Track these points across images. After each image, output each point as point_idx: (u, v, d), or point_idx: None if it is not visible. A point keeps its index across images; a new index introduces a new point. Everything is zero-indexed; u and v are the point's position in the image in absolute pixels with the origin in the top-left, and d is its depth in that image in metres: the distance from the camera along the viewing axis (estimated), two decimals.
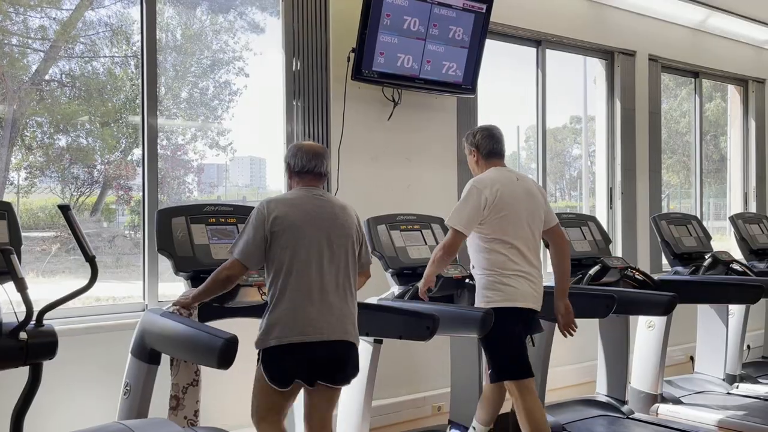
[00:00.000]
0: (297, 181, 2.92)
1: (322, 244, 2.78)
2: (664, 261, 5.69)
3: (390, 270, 3.84)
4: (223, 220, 3.34)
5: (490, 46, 4.98)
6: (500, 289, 3.28)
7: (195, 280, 3.11)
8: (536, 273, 3.37)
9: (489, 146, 3.46)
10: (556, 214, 3.63)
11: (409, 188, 4.80)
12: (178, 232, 3.18)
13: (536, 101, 5.71)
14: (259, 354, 2.76)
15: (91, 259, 2.60)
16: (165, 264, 3.46)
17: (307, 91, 4.33)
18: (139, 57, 3.97)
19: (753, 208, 7.53)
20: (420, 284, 3.45)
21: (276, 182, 4.55)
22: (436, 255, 3.37)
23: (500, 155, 3.50)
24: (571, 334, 3.51)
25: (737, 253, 5.69)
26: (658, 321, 4.72)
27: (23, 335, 2.44)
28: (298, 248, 2.73)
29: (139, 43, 3.97)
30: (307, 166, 2.89)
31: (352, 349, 2.81)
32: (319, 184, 2.93)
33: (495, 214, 3.30)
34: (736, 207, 7.60)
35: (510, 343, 3.29)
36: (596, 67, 6.30)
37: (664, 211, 6.71)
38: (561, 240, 3.53)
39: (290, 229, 2.75)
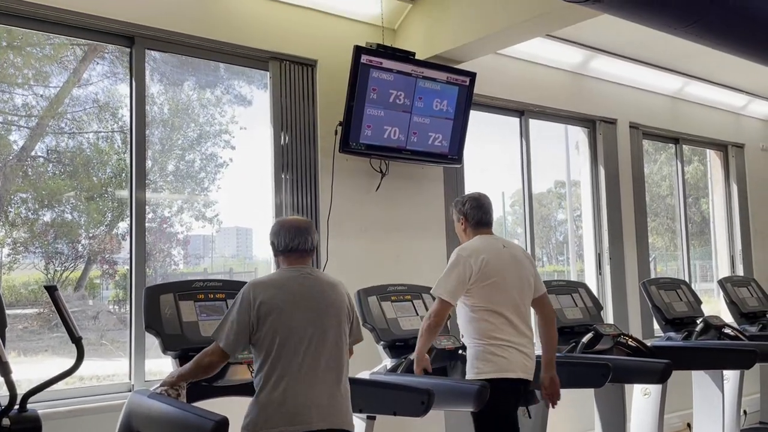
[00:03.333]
0: (283, 260, 2.87)
1: (311, 326, 2.72)
2: (656, 326, 5.69)
3: (382, 342, 3.80)
4: (212, 295, 3.30)
5: (475, 115, 5.09)
6: (491, 360, 3.25)
7: (183, 358, 3.05)
8: (527, 342, 3.35)
9: (478, 216, 3.50)
10: (546, 280, 3.64)
11: (398, 258, 4.80)
12: (166, 310, 3.14)
13: (521, 167, 5.80)
14: None
15: (77, 340, 2.55)
16: (152, 340, 3.40)
17: (295, 164, 4.39)
18: (126, 132, 4.01)
19: (740, 271, 7.60)
20: (414, 365, 3.41)
21: (263, 252, 4.55)
22: (424, 327, 3.35)
23: (488, 225, 3.53)
24: (554, 405, 3.47)
25: (727, 317, 5.70)
26: (654, 388, 4.68)
27: (6, 421, 2.38)
28: (286, 333, 2.67)
29: (126, 118, 4.02)
30: (291, 244, 2.83)
31: None
32: (307, 261, 2.87)
33: (482, 282, 3.30)
34: (723, 269, 7.67)
35: (499, 417, 3.24)
36: (578, 133, 6.45)
37: (653, 274, 6.74)
38: (548, 309, 3.53)
39: (277, 313, 2.68)
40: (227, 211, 4.50)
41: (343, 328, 2.82)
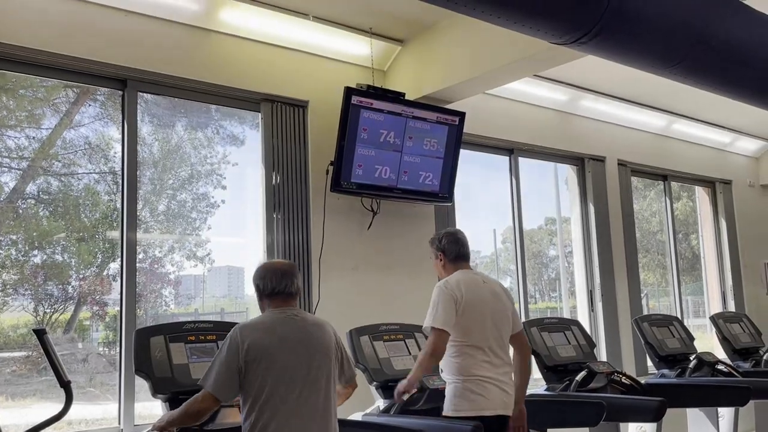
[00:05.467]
0: (269, 303, 2.86)
1: (299, 369, 2.70)
2: (650, 362, 5.67)
3: (374, 383, 3.77)
4: (203, 337, 3.28)
5: (465, 154, 5.14)
6: (468, 398, 3.25)
7: (174, 401, 3.01)
8: (506, 377, 3.34)
9: (455, 251, 3.52)
10: (539, 317, 3.65)
11: (390, 296, 4.79)
12: (157, 352, 3.11)
13: (511, 205, 5.84)
14: None
15: (65, 384, 2.53)
16: (141, 382, 3.36)
17: (286, 203, 4.40)
18: (117, 172, 4.03)
19: (731, 307, 7.61)
20: (400, 384, 3.35)
21: (253, 290, 4.52)
22: (422, 356, 3.32)
23: (466, 258, 3.55)
24: None
25: (720, 353, 5.70)
26: (649, 427, 4.65)
27: None
28: (274, 376, 2.65)
29: (117, 158, 4.04)
30: (278, 288, 2.83)
31: None
32: (293, 303, 2.87)
33: (462, 317, 3.30)
34: (714, 305, 7.68)
35: None
36: (568, 170, 6.51)
37: (645, 311, 6.75)
38: (525, 347, 3.55)
39: (265, 356, 2.67)
40: (218, 251, 4.50)
41: (331, 369, 2.81)
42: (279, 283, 2.84)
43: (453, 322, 3.28)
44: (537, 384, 3.53)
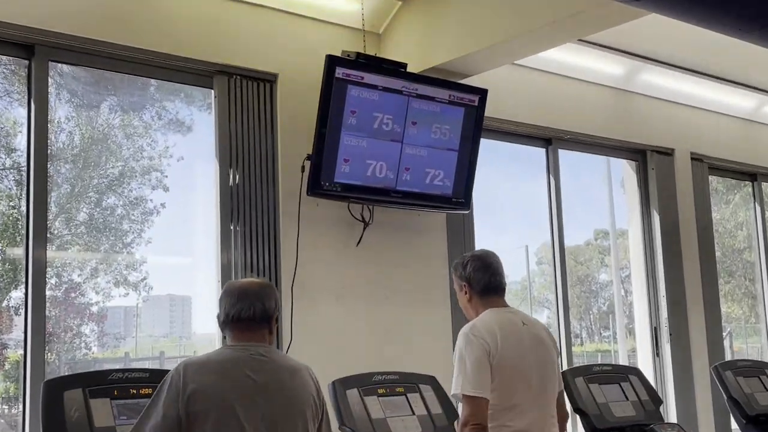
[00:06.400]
0: (230, 336, 2.85)
1: (261, 430, 2.67)
2: (734, 425, 5.66)
3: None
4: (134, 391, 3.26)
5: (487, 145, 5.14)
6: None
7: None
8: None
9: (484, 280, 3.50)
10: (587, 364, 3.65)
11: (387, 335, 4.79)
12: (73, 411, 3.09)
13: (549, 213, 5.84)
14: None
15: None
16: None
17: (248, 210, 4.40)
18: (22, 169, 4.01)
19: None
20: None
21: (206, 327, 4.54)
22: None
23: (499, 290, 3.53)
24: None
25: None
26: None
27: None
28: None
29: (22, 150, 4.02)
30: (232, 312, 2.81)
31: None
32: (259, 336, 2.83)
33: (498, 373, 3.29)
34: None
35: None
36: (624, 166, 6.52)
37: (728, 355, 6.74)
38: (563, 410, 3.56)
39: (215, 409, 2.63)
40: (158, 275, 4.51)
41: (308, 430, 2.78)
42: (233, 307, 2.81)
43: (489, 383, 3.27)
44: None
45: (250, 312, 2.82)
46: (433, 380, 4.05)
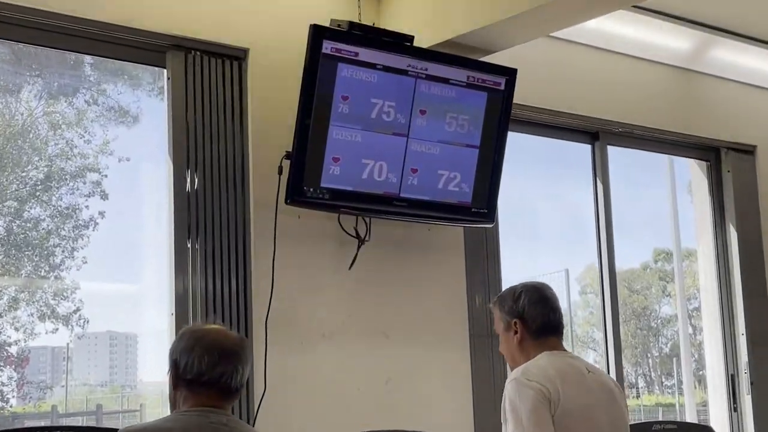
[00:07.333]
0: (187, 396, 2.83)
1: None
2: None
3: None
4: None
5: (515, 140, 5.21)
6: None
7: None
8: None
9: (543, 317, 3.52)
10: (646, 420, 3.71)
11: (388, 384, 4.84)
12: None
13: (596, 227, 5.90)
14: None
15: None
16: None
17: (210, 224, 4.43)
18: None
19: None
20: None
21: (156, 375, 4.55)
22: None
23: (557, 331, 3.58)
24: None
25: None
26: None
27: None
28: None
29: None
30: (211, 375, 2.79)
31: None
32: (226, 404, 2.86)
33: (561, 428, 3.33)
34: None
35: None
36: (692, 168, 6.62)
37: None
38: None
39: None
40: (94, 305, 4.51)
41: None
42: (214, 368, 2.81)
43: None
44: None
45: (234, 379, 2.83)
46: None
